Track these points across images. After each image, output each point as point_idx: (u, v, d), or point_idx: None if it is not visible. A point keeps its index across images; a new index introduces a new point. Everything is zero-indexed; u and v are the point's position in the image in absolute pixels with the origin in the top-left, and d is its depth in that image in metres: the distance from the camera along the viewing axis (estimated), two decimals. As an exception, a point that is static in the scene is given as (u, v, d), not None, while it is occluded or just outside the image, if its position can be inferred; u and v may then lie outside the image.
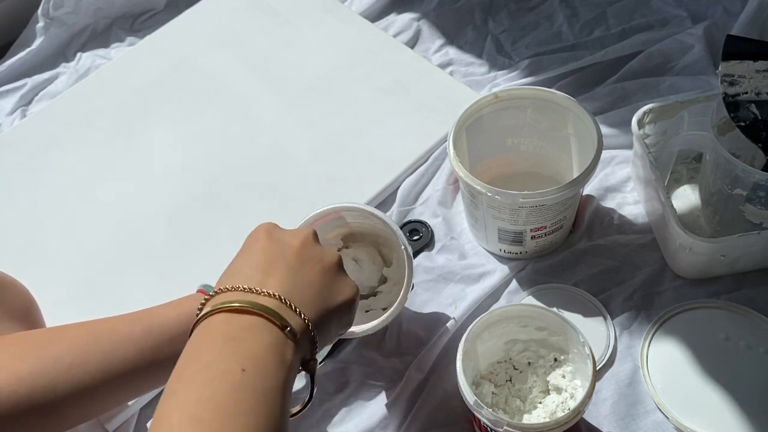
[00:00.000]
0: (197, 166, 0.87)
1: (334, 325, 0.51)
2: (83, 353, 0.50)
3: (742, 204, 0.66)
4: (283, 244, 0.51)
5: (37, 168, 0.89)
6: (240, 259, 0.51)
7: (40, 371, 0.48)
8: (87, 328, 0.53)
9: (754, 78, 0.64)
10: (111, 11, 1.07)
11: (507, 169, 0.78)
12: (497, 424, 0.54)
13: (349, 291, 0.53)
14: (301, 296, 0.48)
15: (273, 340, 0.44)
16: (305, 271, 0.50)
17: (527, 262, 0.74)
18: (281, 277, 0.48)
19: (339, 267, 0.53)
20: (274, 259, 0.49)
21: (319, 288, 0.50)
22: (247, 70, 0.96)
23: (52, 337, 0.52)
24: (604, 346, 0.68)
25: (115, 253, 0.80)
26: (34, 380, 0.48)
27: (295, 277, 0.49)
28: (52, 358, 0.49)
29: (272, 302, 0.46)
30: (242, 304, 0.45)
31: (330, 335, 0.52)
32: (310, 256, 0.51)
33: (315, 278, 0.50)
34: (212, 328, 0.45)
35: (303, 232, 0.53)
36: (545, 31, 0.96)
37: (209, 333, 0.44)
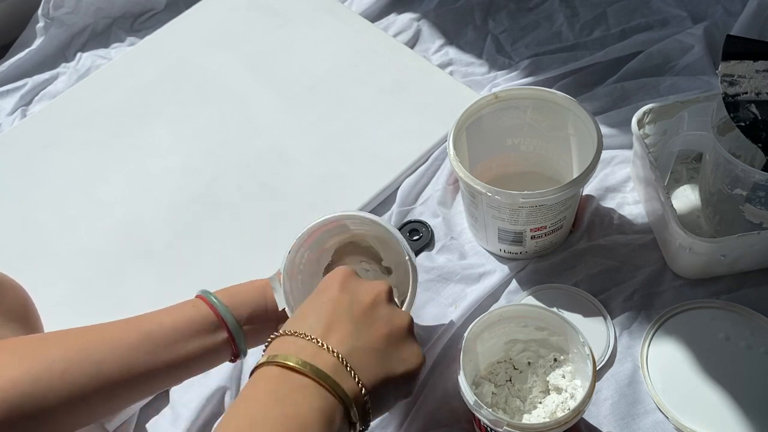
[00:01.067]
0: (197, 166, 0.87)
1: (393, 395, 0.49)
2: (76, 361, 0.49)
3: (742, 204, 0.66)
4: (354, 297, 0.49)
5: (37, 168, 0.89)
6: (309, 305, 0.50)
7: (33, 378, 0.48)
8: (81, 335, 0.52)
9: (754, 78, 0.64)
10: (111, 11, 1.07)
11: (507, 169, 0.78)
12: (497, 424, 0.54)
13: (415, 360, 0.50)
14: (361, 359, 0.46)
15: (323, 405, 0.43)
16: (371, 332, 0.48)
17: (527, 262, 0.74)
18: (344, 334, 0.46)
19: (408, 332, 0.50)
20: (341, 314, 0.48)
21: (381, 353, 0.47)
22: (247, 70, 0.96)
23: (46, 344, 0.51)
24: (604, 346, 0.68)
25: (115, 253, 0.80)
26: (27, 387, 0.47)
27: (357, 338, 0.47)
28: (45, 365, 0.49)
29: (329, 361, 0.45)
30: (298, 364, 0.44)
31: (386, 405, 0.49)
32: (379, 317, 0.49)
33: (379, 342, 0.48)
34: (266, 380, 0.44)
35: (378, 287, 0.51)
36: (545, 31, 0.96)
37: (262, 386, 0.44)
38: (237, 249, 0.79)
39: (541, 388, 0.62)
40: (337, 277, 0.51)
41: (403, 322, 0.50)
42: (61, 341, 0.51)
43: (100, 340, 0.52)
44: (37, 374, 0.48)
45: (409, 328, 0.50)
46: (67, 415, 0.49)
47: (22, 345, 0.51)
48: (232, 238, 0.80)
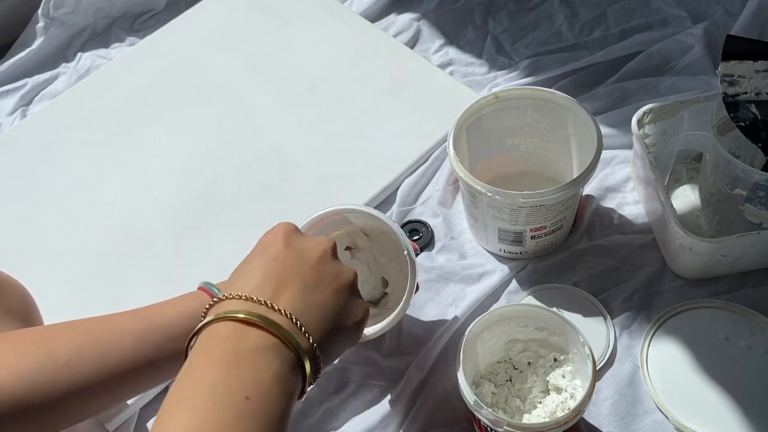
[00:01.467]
0: (197, 166, 0.87)
1: (340, 347, 0.50)
2: (80, 351, 0.50)
3: (742, 204, 0.66)
4: (301, 255, 0.49)
5: (37, 168, 0.89)
6: (253, 263, 0.49)
7: (38, 369, 0.48)
8: (85, 326, 0.52)
9: (753, 78, 0.64)
10: (111, 11, 1.07)
11: (507, 169, 0.78)
12: (497, 424, 0.54)
13: (360, 312, 0.51)
14: (312, 317, 0.46)
15: (280, 368, 0.43)
16: (319, 289, 0.48)
17: (527, 262, 0.74)
18: (294, 293, 0.46)
19: (353, 286, 0.51)
20: (289, 272, 0.48)
21: (331, 309, 0.48)
22: (247, 70, 0.96)
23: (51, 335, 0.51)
24: (604, 346, 0.68)
25: (115, 253, 0.80)
26: (32, 378, 0.47)
27: (308, 296, 0.47)
28: (50, 355, 0.49)
29: (283, 321, 0.45)
30: (252, 316, 0.44)
31: (334, 357, 0.50)
32: (327, 273, 0.49)
33: (328, 298, 0.48)
34: (219, 339, 0.44)
35: (323, 244, 0.51)
36: (545, 31, 0.96)
37: (215, 345, 0.43)
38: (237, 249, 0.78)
39: (541, 388, 0.62)
40: (279, 233, 0.50)
41: (349, 277, 0.51)
42: (65, 333, 0.51)
43: (104, 331, 0.52)
44: (42, 365, 0.48)
45: (353, 281, 0.51)
46: (72, 405, 0.49)
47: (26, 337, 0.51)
48: (232, 238, 0.80)
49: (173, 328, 0.53)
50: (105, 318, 0.54)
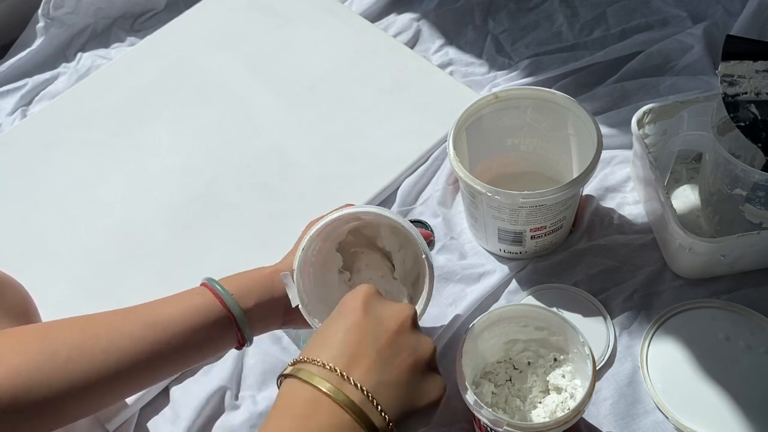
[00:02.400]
0: (197, 166, 0.87)
1: (415, 425, 0.47)
2: (80, 348, 0.50)
3: (741, 204, 0.66)
4: (379, 323, 0.47)
5: (37, 168, 0.89)
6: (332, 329, 0.47)
7: (37, 366, 0.48)
8: (85, 323, 0.52)
9: (753, 78, 0.64)
10: (111, 11, 1.07)
11: (507, 169, 0.78)
12: (497, 423, 0.54)
13: (437, 392, 0.48)
14: (385, 393, 0.44)
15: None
16: (395, 364, 0.46)
17: (527, 262, 0.74)
18: (368, 367, 0.45)
19: (432, 361, 0.48)
20: (365, 343, 0.46)
21: (406, 386, 0.46)
22: (247, 70, 0.96)
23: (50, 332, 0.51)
24: (604, 346, 0.68)
25: (115, 253, 0.80)
26: (31, 375, 0.47)
27: (382, 371, 0.45)
28: (49, 352, 0.49)
29: (356, 395, 0.43)
30: (330, 391, 0.43)
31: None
32: (404, 347, 0.47)
33: (404, 374, 0.46)
34: (297, 404, 0.43)
35: (403, 312, 0.49)
36: (545, 31, 0.96)
37: (293, 410, 0.43)
38: (237, 249, 0.79)
39: (541, 388, 0.62)
40: (360, 298, 0.48)
41: (428, 351, 0.48)
42: (65, 329, 0.51)
43: (105, 328, 0.52)
44: (42, 362, 0.48)
45: (432, 356, 0.48)
46: (72, 402, 0.49)
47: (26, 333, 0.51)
48: (232, 238, 0.80)
49: (174, 325, 0.53)
50: (105, 314, 0.54)
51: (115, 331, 0.52)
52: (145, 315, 0.53)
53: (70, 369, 0.49)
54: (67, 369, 0.49)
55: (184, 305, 0.54)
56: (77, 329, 0.51)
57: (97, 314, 0.54)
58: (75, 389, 0.49)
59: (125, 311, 0.54)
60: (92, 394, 0.50)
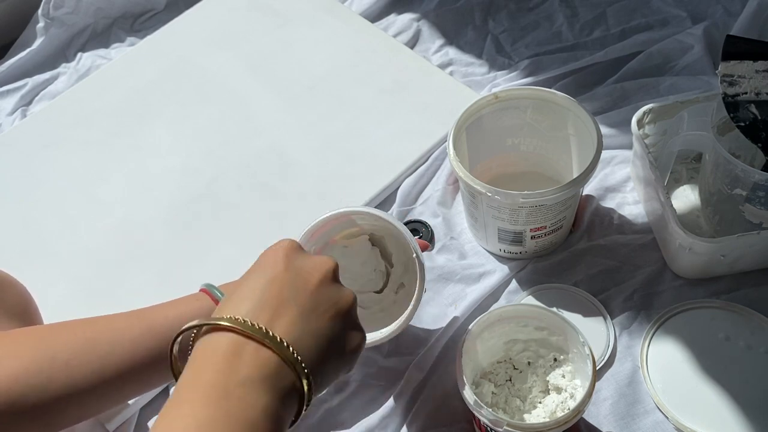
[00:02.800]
0: (197, 166, 0.87)
1: (332, 375, 0.48)
2: (80, 352, 0.49)
3: (741, 204, 0.66)
4: (300, 277, 0.47)
5: (37, 168, 0.89)
6: (251, 283, 0.47)
7: (37, 370, 0.48)
8: (85, 327, 0.52)
9: (753, 78, 0.64)
10: (111, 11, 1.07)
11: (507, 169, 0.78)
12: (497, 424, 0.54)
13: (357, 340, 0.49)
14: (307, 344, 0.44)
15: (268, 402, 0.41)
16: (317, 314, 0.46)
17: (527, 262, 0.74)
18: (290, 320, 0.44)
19: (352, 311, 0.49)
20: (287, 296, 0.45)
21: (327, 337, 0.46)
22: (247, 70, 0.96)
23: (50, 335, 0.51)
24: (604, 346, 0.68)
25: (115, 253, 0.80)
26: (29, 380, 0.47)
27: (305, 323, 0.45)
28: (48, 356, 0.49)
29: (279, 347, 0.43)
30: (253, 332, 0.42)
31: (326, 385, 0.48)
32: (326, 298, 0.47)
33: (325, 325, 0.46)
34: (213, 357, 0.42)
35: (324, 265, 0.49)
36: (545, 31, 0.96)
37: (208, 368, 0.42)
38: (237, 249, 0.79)
39: (541, 388, 0.62)
40: (280, 252, 0.48)
41: (348, 302, 0.48)
42: (64, 332, 0.51)
43: (104, 332, 0.52)
44: (40, 366, 0.48)
45: (352, 306, 0.49)
46: (71, 406, 0.49)
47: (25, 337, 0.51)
48: (232, 238, 0.80)
49: (173, 330, 0.52)
50: (105, 318, 0.53)
51: (115, 335, 0.51)
52: (145, 320, 0.53)
53: (68, 374, 0.49)
54: (66, 373, 0.48)
55: (184, 310, 0.54)
56: (76, 334, 0.51)
57: (96, 318, 0.53)
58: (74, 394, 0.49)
59: (125, 316, 0.54)
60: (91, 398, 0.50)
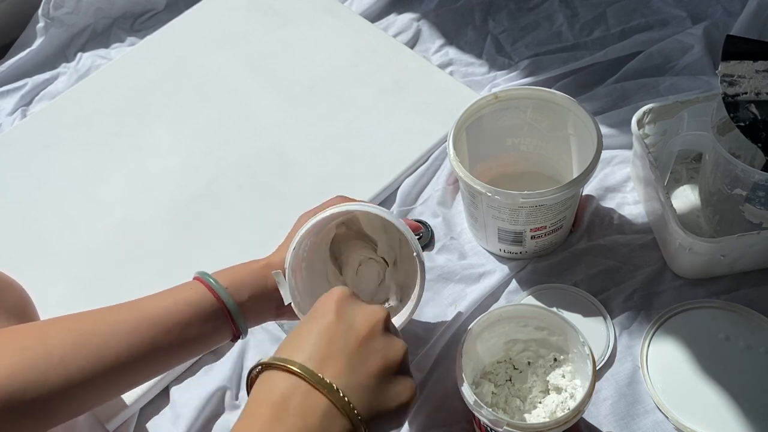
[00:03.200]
0: (197, 166, 0.87)
1: (384, 427, 0.47)
2: (76, 345, 0.50)
3: (741, 204, 0.66)
4: (351, 326, 0.47)
5: (37, 168, 0.89)
6: (304, 332, 0.47)
7: (34, 365, 0.48)
8: (80, 320, 0.52)
9: (753, 78, 0.64)
10: (111, 11, 1.07)
11: (507, 169, 0.78)
12: (497, 423, 0.54)
13: (408, 394, 0.48)
14: (355, 395, 0.44)
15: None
16: (365, 366, 0.46)
17: (527, 262, 0.74)
18: (338, 370, 0.45)
19: (402, 364, 0.48)
20: (336, 346, 0.46)
21: (375, 389, 0.46)
22: (247, 70, 0.96)
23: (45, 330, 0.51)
24: (604, 346, 0.68)
25: (115, 253, 0.80)
26: (27, 374, 0.47)
27: (351, 373, 0.45)
28: (44, 351, 0.49)
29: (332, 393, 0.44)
30: (307, 374, 0.43)
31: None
32: (375, 349, 0.47)
33: (373, 378, 0.46)
34: (273, 390, 0.43)
35: (376, 315, 0.49)
36: (545, 31, 0.96)
37: (269, 394, 0.43)
38: (237, 249, 0.79)
39: (541, 388, 0.62)
40: (333, 301, 0.48)
41: (398, 354, 0.48)
42: (59, 327, 0.51)
43: (99, 324, 0.52)
44: (37, 360, 0.48)
45: (403, 360, 0.48)
46: (69, 399, 0.49)
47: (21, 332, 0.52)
48: (232, 238, 0.80)
49: (168, 318, 0.53)
50: (100, 311, 0.54)
51: (110, 327, 0.52)
52: (139, 310, 0.53)
53: (65, 367, 0.49)
54: (63, 367, 0.49)
55: (178, 299, 0.54)
56: (71, 327, 0.51)
57: (90, 311, 0.54)
58: (71, 386, 0.49)
59: (119, 307, 0.54)
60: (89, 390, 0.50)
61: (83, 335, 0.50)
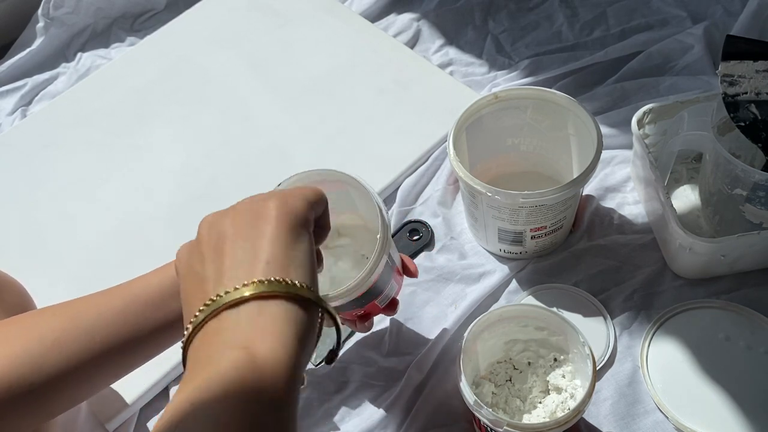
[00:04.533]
0: (197, 165, 0.87)
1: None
2: (66, 330, 0.50)
3: (742, 204, 0.66)
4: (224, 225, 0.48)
5: (37, 168, 0.89)
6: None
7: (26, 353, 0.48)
8: (69, 306, 0.53)
9: (753, 78, 0.64)
10: (111, 11, 1.07)
11: (507, 169, 0.78)
12: (497, 424, 0.54)
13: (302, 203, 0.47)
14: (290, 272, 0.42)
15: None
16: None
17: (527, 262, 0.74)
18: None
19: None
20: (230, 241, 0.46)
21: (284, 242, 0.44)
22: (247, 70, 0.96)
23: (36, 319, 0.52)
24: (604, 346, 0.68)
25: (115, 253, 0.80)
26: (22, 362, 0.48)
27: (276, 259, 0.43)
28: (37, 338, 0.49)
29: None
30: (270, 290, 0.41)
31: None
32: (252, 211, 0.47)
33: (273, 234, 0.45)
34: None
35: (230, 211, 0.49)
36: (545, 31, 0.96)
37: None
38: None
39: (541, 388, 0.62)
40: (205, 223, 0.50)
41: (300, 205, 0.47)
42: (49, 315, 0.52)
43: (88, 308, 0.52)
44: (30, 349, 0.48)
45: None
46: (66, 386, 0.49)
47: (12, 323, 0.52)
48: (232, 238, 0.80)
49: (156, 296, 0.53)
50: (89, 296, 0.54)
51: (98, 309, 0.52)
52: (126, 291, 0.53)
53: (58, 351, 0.49)
54: (56, 352, 0.49)
55: (164, 277, 0.54)
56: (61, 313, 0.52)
57: (80, 297, 0.54)
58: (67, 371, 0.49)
59: (107, 290, 0.54)
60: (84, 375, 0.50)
61: (73, 320, 0.51)
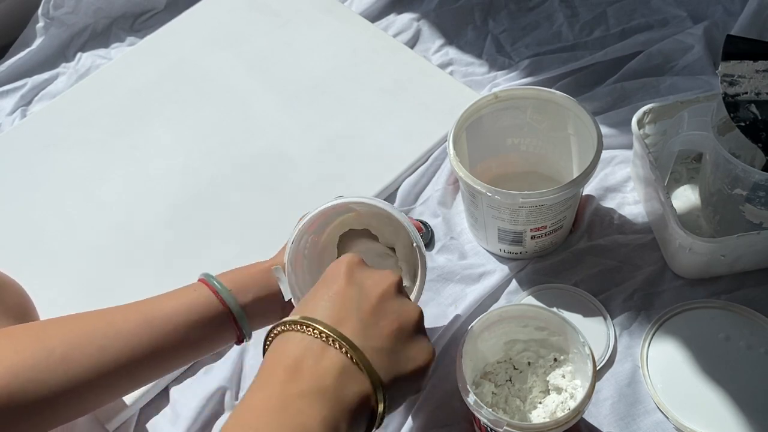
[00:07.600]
0: (197, 166, 0.87)
1: (402, 393, 0.46)
2: (77, 346, 0.49)
3: (742, 204, 0.66)
4: (362, 290, 0.47)
5: (37, 168, 0.89)
6: (315, 297, 0.47)
7: (34, 365, 0.48)
8: (81, 321, 0.52)
9: (754, 78, 0.64)
10: (111, 11, 1.07)
11: (507, 169, 0.78)
12: (497, 424, 0.54)
13: (424, 356, 0.47)
14: (371, 358, 0.44)
15: (329, 414, 0.41)
16: (379, 328, 0.45)
17: (527, 262, 0.74)
18: (352, 332, 0.44)
19: (418, 326, 0.48)
20: (349, 309, 0.45)
21: (390, 351, 0.45)
22: (247, 71, 0.96)
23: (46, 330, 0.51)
24: (604, 346, 0.68)
25: (115, 253, 0.80)
26: (27, 374, 0.47)
27: (366, 336, 0.44)
28: (46, 351, 0.48)
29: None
30: (328, 331, 0.42)
31: (397, 403, 0.46)
32: (388, 312, 0.46)
33: (388, 340, 0.45)
34: (289, 351, 0.43)
35: (387, 278, 0.48)
36: (545, 31, 0.96)
37: (285, 356, 0.43)
38: (237, 249, 0.79)
39: (541, 388, 0.62)
40: (343, 266, 0.48)
41: (412, 316, 0.47)
42: (61, 327, 0.51)
43: (102, 325, 0.51)
44: (38, 360, 0.48)
45: (418, 321, 0.48)
46: (70, 400, 0.49)
47: (22, 331, 0.51)
48: (232, 238, 0.80)
49: (171, 321, 0.53)
50: (102, 312, 0.53)
51: (112, 328, 0.51)
52: (142, 312, 0.53)
53: (66, 367, 0.48)
54: (64, 367, 0.48)
55: (182, 301, 0.54)
56: (73, 327, 0.51)
57: (92, 311, 0.53)
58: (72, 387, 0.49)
59: (122, 308, 0.54)
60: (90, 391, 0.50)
61: (84, 336, 0.50)
